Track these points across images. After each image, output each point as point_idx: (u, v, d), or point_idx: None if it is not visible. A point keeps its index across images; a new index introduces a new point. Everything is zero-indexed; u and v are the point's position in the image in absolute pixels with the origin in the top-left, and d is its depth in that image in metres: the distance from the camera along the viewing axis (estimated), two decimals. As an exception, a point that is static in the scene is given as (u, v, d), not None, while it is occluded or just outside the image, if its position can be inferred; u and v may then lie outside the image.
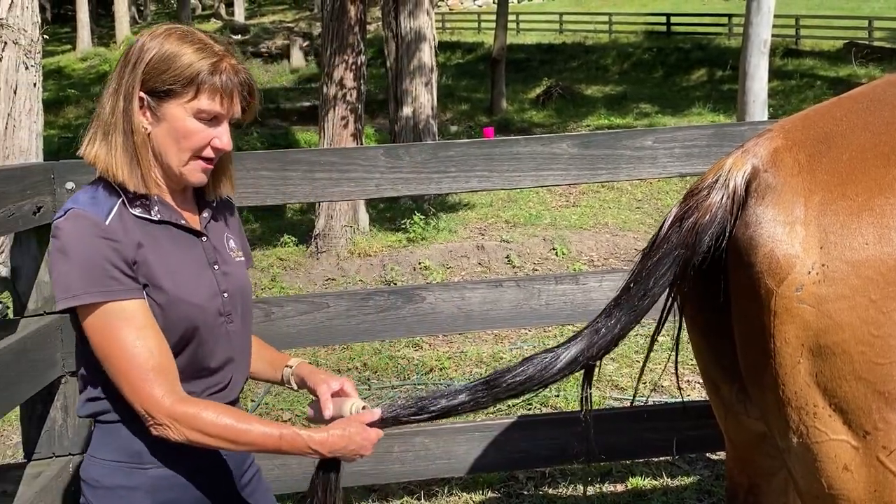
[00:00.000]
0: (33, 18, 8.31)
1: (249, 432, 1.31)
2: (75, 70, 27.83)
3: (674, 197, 10.33)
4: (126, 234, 1.33)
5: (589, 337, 1.44)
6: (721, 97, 18.86)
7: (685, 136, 2.36)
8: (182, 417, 1.29)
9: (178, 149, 1.37)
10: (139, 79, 1.34)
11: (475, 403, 1.45)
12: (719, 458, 3.29)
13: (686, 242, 1.40)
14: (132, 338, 1.30)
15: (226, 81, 1.35)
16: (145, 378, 1.29)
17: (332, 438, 1.35)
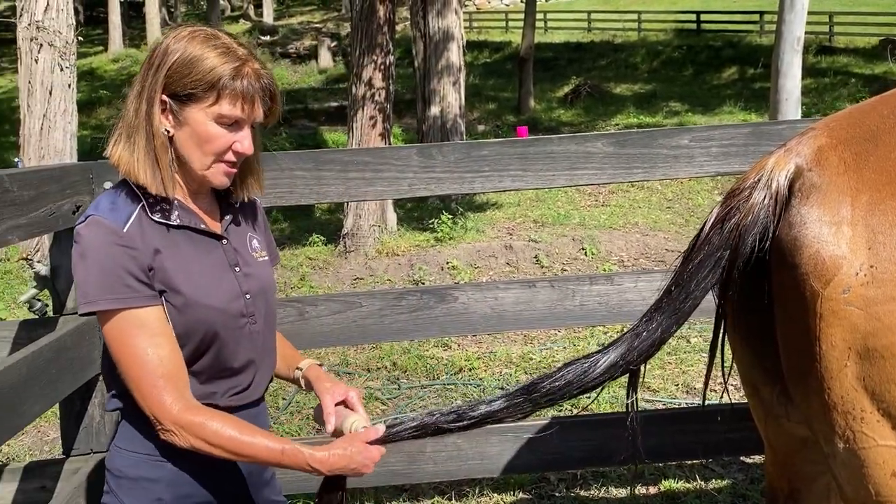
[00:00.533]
0: (68, 21, 8.50)
1: (252, 445, 1.33)
2: (107, 71, 28.25)
3: (705, 196, 10.22)
4: (143, 241, 1.35)
5: (629, 341, 1.42)
6: (752, 95, 18.61)
7: (722, 135, 2.33)
8: (188, 425, 1.32)
9: (200, 152, 1.37)
10: (161, 82, 1.35)
11: (514, 409, 1.44)
12: (754, 461, 3.24)
13: (728, 244, 1.37)
14: (144, 345, 1.32)
15: (247, 87, 1.35)
16: (155, 384, 1.32)
17: (332, 458, 1.36)
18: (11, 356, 1.87)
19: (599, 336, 5.20)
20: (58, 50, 8.08)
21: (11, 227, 1.77)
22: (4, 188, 1.75)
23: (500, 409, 1.44)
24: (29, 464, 2.30)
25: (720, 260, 1.38)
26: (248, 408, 1.52)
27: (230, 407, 1.47)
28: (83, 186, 2.15)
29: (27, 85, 8.14)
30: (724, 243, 1.37)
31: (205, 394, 1.43)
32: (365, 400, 4.37)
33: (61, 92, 8.21)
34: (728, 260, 1.37)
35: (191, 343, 1.39)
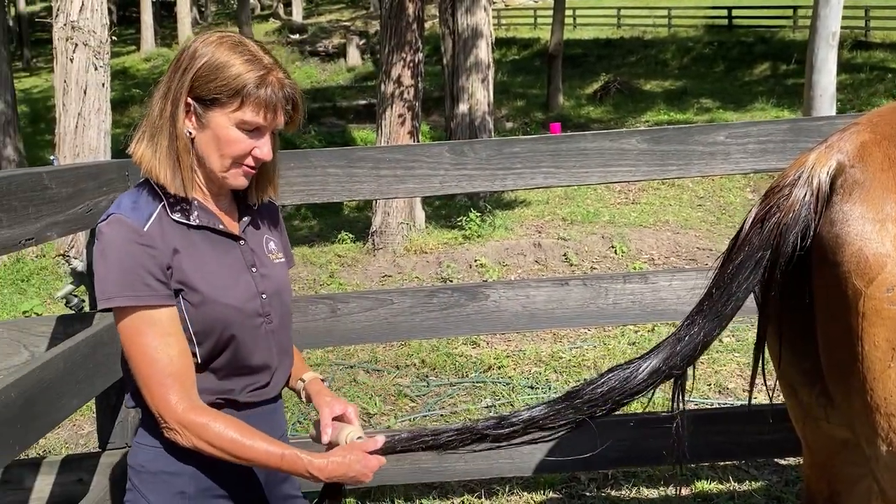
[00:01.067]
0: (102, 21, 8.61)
1: (253, 448, 1.35)
2: (139, 70, 28.64)
3: (737, 194, 10.09)
4: (163, 240, 1.37)
5: (671, 346, 1.40)
6: (785, 92, 18.33)
7: (759, 132, 2.29)
8: (191, 425, 1.34)
9: (220, 155, 1.40)
10: (187, 85, 1.37)
11: (556, 416, 1.42)
12: (789, 463, 3.19)
13: (769, 243, 1.34)
14: (155, 343, 1.35)
15: (270, 95, 1.37)
16: (162, 383, 1.34)
17: (330, 465, 1.37)
18: (49, 351, 1.90)
19: (630, 335, 5.15)
20: (92, 49, 8.20)
21: (50, 224, 1.80)
22: (43, 185, 1.78)
23: (543, 415, 1.42)
24: (66, 457, 2.34)
25: (761, 260, 1.35)
26: (266, 404, 1.54)
27: (249, 403, 1.49)
28: (119, 183, 2.18)
29: (62, 84, 8.27)
30: (765, 243, 1.34)
31: (223, 390, 1.46)
32: (394, 397, 4.38)
33: (95, 91, 8.33)
34: (769, 260, 1.35)
35: (208, 341, 1.42)
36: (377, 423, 4.06)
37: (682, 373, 1.42)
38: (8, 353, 2.22)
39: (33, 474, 2.30)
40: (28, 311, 6.92)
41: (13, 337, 2.24)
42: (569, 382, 4.43)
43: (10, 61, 13.81)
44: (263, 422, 1.52)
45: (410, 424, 4.00)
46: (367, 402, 4.29)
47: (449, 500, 3.11)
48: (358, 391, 4.49)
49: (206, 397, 1.44)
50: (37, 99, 25.58)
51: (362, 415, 4.17)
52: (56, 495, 2.28)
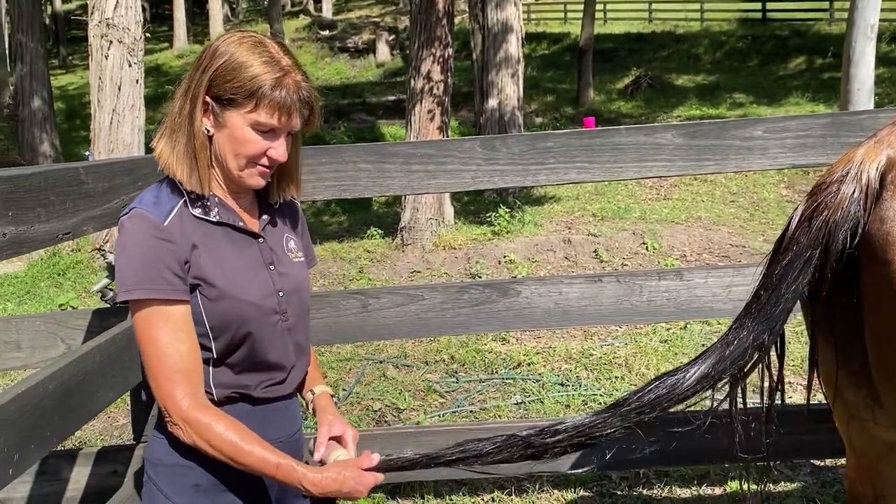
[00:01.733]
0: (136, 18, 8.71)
1: (250, 454, 1.35)
2: (172, 67, 28.97)
3: (770, 190, 9.93)
4: (182, 236, 1.39)
5: (720, 351, 1.36)
6: (821, 86, 17.99)
7: (798, 126, 2.24)
8: (194, 422, 1.35)
9: (235, 155, 1.41)
10: (206, 84, 1.39)
11: (604, 425, 1.38)
12: (825, 464, 3.13)
13: (818, 242, 1.30)
14: (167, 339, 1.36)
15: (285, 98, 1.37)
16: (170, 378, 1.36)
17: (324, 481, 1.37)
18: (86, 344, 1.92)
19: (662, 332, 5.09)
20: (126, 46, 8.30)
21: (86, 219, 1.82)
22: (80, 180, 1.80)
23: (590, 423, 1.38)
24: (102, 449, 2.37)
25: (810, 259, 1.31)
26: (282, 400, 1.55)
27: (264, 398, 1.50)
28: (153, 179, 2.19)
29: (97, 81, 8.39)
30: (814, 242, 1.30)
31: (239, 384, 1.47)
32: (423, 392, 4.38)
33: (129, 87, 8.44)
34: (819, 259, 1.30)
35: (224, 336, 1.43)
36: (406, 419, 4.06)
37: (732, 377, 1.38)
38: (45, 345, 2.26)
39: (70, 465, 2.33)
40: (64, 305, 7.04)
41: (50, 330, 2.28)
42: (599, 380, 4.39)
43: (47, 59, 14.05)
44: (278, 417, 1.54)
45: (440, 420, 3.99)
46: (396, 397, 4.29)
47: (479, 497, 3.10)
48: (388, 386, 4.49)
49: (222, 391, 1.45)
50: (72, 95, 26.01)
51: (392, 410, 4.18)
52: (91, 486, 2.31)
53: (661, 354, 4.70)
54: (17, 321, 2.29)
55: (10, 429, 1.45)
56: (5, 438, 1.43)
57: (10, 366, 2.30)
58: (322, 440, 1.52)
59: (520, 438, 1.39)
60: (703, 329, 5.08)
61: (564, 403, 4.06)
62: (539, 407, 4.04)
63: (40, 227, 1.60)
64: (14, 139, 15.33)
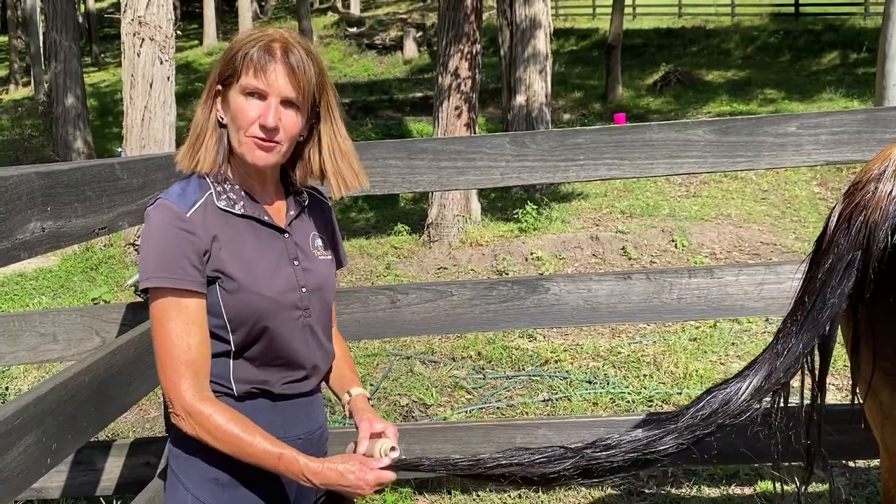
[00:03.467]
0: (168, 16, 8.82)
1: (252, 444, 1.36)
2: (202, 64, 29.25)
3: (802, 187, 9.78)
4: (204, 227, 1.41)
5: (770, 361, 1.33)
6: (855, 82, 17.66)
7: (833, 122, 2.21)
8: (196, 414, 1.37)
9: (235, 129, 1.43)
10: (216, 73, 1.45)
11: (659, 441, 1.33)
12: (858, 465, 3.09)
13: (859, 244, 1.27)
14: (178, 330, 1.38)
15: (262, 56, 1.40)
16: (177, 369, 1.38)
17: (325, 471, 1.37)
18: (120, 337, 1.96)
19: (691, 331, 5.05)
20: (158, 44, 8.40)
21: (122, 214, 1.85)
22: (116, 176, 1.83)
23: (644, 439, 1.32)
24: (135, 440, 2.41)
25: (853, 262, 1.28)
26: (302, 397, 1.55)
27: (284, 395, 1.50)
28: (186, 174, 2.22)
29: (129, 78, 8.50)
30: (854, 243, 1.27)
31: (259, 379, 1.47)
32: (450, 388, 4.39)
33: (161, 84, 8.54)
34: (861, 261, 1.28)
35: (242, 329, 1.44)
36: (433, 414, 4.07)
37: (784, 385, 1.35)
38: (81, 338, 2.30)
39: (104, 456, 2.38)
40: (97, 299, 7.15)
41: (86, 323, 2.32)
42: (627, 378, 4.36)
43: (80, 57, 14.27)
44: (300, 413, 1.54)
45: (467, 416, 4.00)
46: (423, 392, 4.31)
47: (506, 493, 3.10)
48: (415, 382, 4.51)
49: (242, 386, 1.46)
50: (105, 93, 26.39)
51: (419, 405, 4.19)
52: (125, 477, 2.36)
53: (691, 353, 4.66)
54: (53, 314, 2.34)
55: (48, 419, 1.48)
56: (45, 428, 1.47)
57: (47, 357, 2.35)
58: (364, 435, 1.51)
59: (571, 450, 1.33)
60: (734, 328, 5.03)
61: (592, 401, 4.04)
62: (566, 405, 4.03)
63: (77, 221, 1.63)
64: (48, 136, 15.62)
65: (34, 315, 2.33)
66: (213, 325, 1.44)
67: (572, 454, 1.33)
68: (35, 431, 1.43)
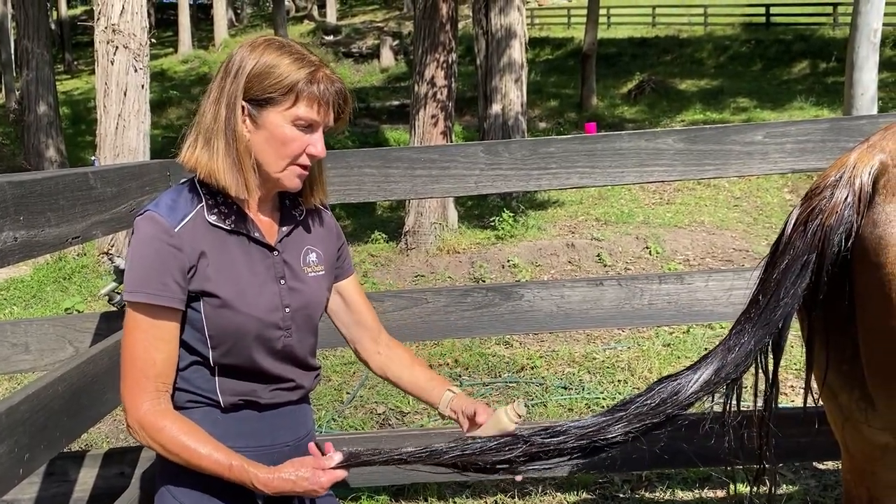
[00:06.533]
0: (142, 23, 8.77)
1: (202, 456, 1.36)
2: (177, 72, 29.09)
3: (774, 194, 9.94)
4: (192, 243, 1.39)
5: (721, 356, 1.37)
6: (825, 91, 18.01)
7: (798, 131, 2.26)
8: (148, 426, 1.37)
9: (276, 156, 1.40)
10: (242, 88, 1.38)
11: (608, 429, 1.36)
12: (827, 467, 3.14)
13: (814, 247, 1.32)
14: (145, 344, 1.38)
15: (323, 91, 1.40)
16: (137, 381, 1.38)
17: (276, 481, 1.37)
18: (94, 347, 1.95)
19: (664, 336, 5.11)
20: (132, 52, 8.35)
21: (95, 223, 1.85)
22: (89, 185, 1.83)
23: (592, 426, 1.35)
24: (109, 450, 2.40)
25: (807, 264, 1.32)
26: (290, 405, 1.55)
27: (272, 404, 1.50)
28: (161, 183, 2.23)
29: (103, 86, 8.44)
30: (809, 246, 1.32)
31: (244, 392, 1.47)
32: (427, 396, 4.39)
33: (135, 92, 8.49)
34: (815, 264, 1.32)
35: (222, 346, 1.43)
36: (410, 422, 4.08)
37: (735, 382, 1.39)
38: (54, 348, 2.29)
39: (77, 467, 2.36)
40: (70, 309, 7.07)
41: (59, 333, 2.31)
42: (602, 383, 4.40)
43: (53, 64, 14.12)
44: (288, 420, 1.53)
45: (444, 424, 4.01)
46: (400, 400, 4.32)
47: (482, 500, 3.11)
48: (392, 389, 4.51)
49: (228, 398, 1.46)
50: (78, 101, 26.13)
51: (396, 413, 4.20)
52: (99, 487, 2.34)
53: (664, 358, 4.71)
54: (25, 324, 2.32)
55: (20, 429, 1.48)
56: (16, 439, 1.46)
57: (19, 368, 2.33)
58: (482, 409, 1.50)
59: (521, 438, 1.37)
60: (706, 333, 5.10)
61: (567, 407, 4.08)
62: (542, 410, 4.06)
63: (50, 231, 1.63)
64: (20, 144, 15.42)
65: (5, 325, 2.31)
66: (194, 339, 1.43)
67: (523, 442, 1.36)
68: (7, 442, 1.43)
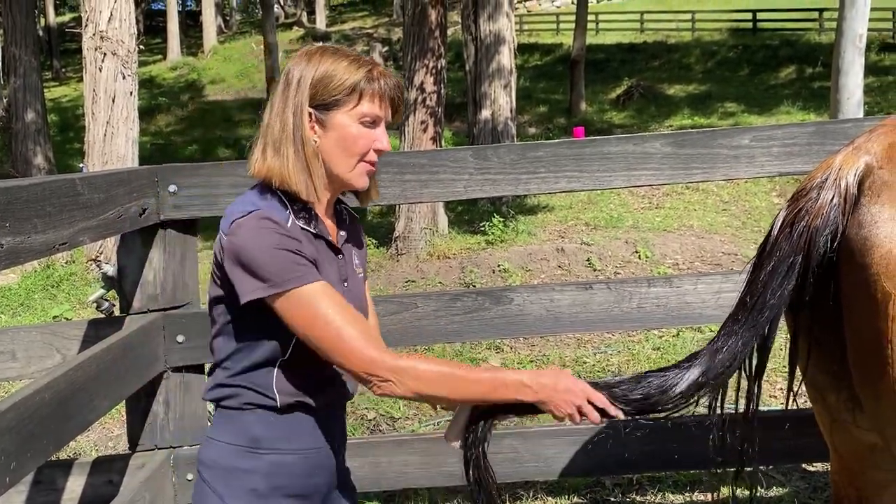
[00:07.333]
0: (130, 30, 8.74)
1: (468, 381, 1.38)
2: (166, 79, 29.01)
3: (762, 198, 9.99)
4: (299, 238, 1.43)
5: (709, 357, 1.38)
6: (812, 95, 18.14)
7: (784, 134, 2.27)
8: (402, 371, 1.36)
9: (346, 154, 1.47)
10: (307, 95, 1.45)
11: None
12: (816, 469, 3.16)
13: (800, 248, 1.32)
14: (332, 313, 1.38)
15: (383, 86, 1.47)
16: (356, 344, 1.37)
17: (540, 377, 1.38)
18: (81, 354, 1.94)
19: (654, 340, 5.12)
20: (120, 59, 8.33)
21: (82, 230, 1.84)
22: (76, 191, 1.82)
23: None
24: (97, 458, 2.38)
25: (793, 266, 1.33)
26: (337, 409, 1.59)
27: (325, 405, 1.53)
28: (149, 189, 2.22)
29: (91, 93, 8.41)
30: (796, 248, 1.33)
31: (302, 391, 1.49)
32: (417, 403, 4.39)
33: (123, 99, 8.45)
34: (801, 265, 1.33)
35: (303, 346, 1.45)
36: (401, 427, 4.07)
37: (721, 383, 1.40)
38: (41, 355, 2.27)
39: (65, 475, 2.34)
40: (58, 317, 7.03)
41: (46, 340, 2.29)
42: (593, 388, 4.41)
43: (41, 71, 14.05)
44: (335, 424, 1.57)
45: (435, 428, 4.00)
46: (391, 406, 4.31)
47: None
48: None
49: (285, 398, 1.48)
50: (66, 108, 26.01)
51: (386, 419, 4.19)
52: (87, 496, 2.32)
53: (655, 362, 4.72)
54: (12, 332, 2.31)
55: (7, 437, 1.47)
56: (3, 447, 1.45)
57: (6, 376, 2.31)
58: None
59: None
60: (696, 336, 5.12)
61: (558, 411, 4.08)
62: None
63: (37, 237, 1.62)
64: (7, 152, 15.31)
65: (-8, 333, 2.29)
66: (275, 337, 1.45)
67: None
68: (-7, 450, 1.41)
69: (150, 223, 2.23)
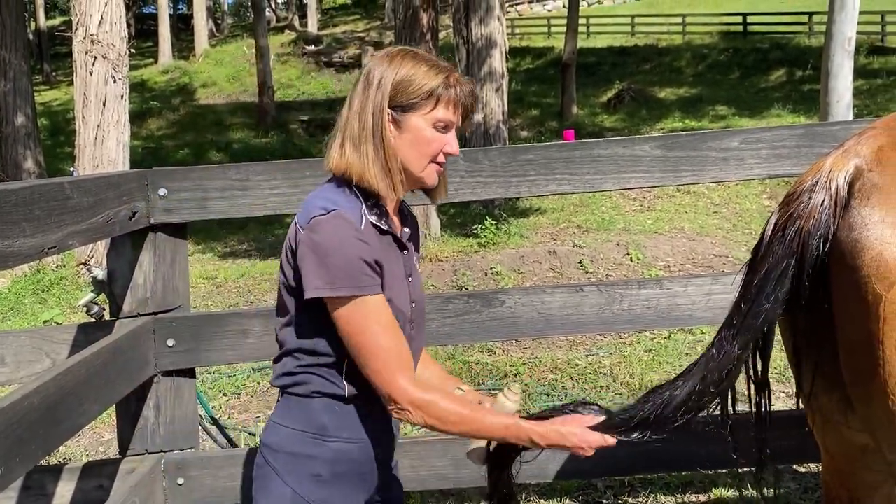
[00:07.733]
0: (121, 34, 8.70)
1: (481, 421, 1.46)
2: (157, 83, 28.93)
3: (753, 201, 10.03)
4: (371, 240, 1.47)
5: (704, 365, 1.38)
6: (802, 98, 18.24)
7: (773, 137, 2.28)
8: (423, 405, 1.43)
9: (419, 155, 1.51)
10: (388, 95, 1.50)
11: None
12: (808, 470, 3.17)
13: (793, 251, 1.33)
14: (380, 331, 1.44)
15: (459, 93, 1.52)
16: (391, 369, 1.43)
17: (552, 433, 1.47)
18: (71, 358, 1.92)
19: (646, 342, 5.13)
20: (111, 62, 8.30)
21: (72, 233, 1.83)
22: (65, 195, 1.81)
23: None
24: (87, 463, 2.36)
25: (787, 269, 1.33)
26: None
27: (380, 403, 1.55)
28: (139, 193, 2.21)
29: (82, 96, 8.37)
30: (789, 251, 1.33)
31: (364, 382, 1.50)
32: (410, 405, 4.38)
33: (114, 103, 8.42)
34: (795, 269, 1.33)
35: None
36: (393, 431, 4.07)
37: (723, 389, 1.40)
38: (30, 360, 2.26)
39: (55, 480, 2.33)
40: (48, 321, 6.99)
41: (35, 345, 2.28)
42: (585, 389, 4.41)
43: (31, 75, 13.99)
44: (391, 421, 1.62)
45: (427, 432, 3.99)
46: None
47: (465, 510, 3.10)
48: (374, 399, 4.50)
49: (352, 389, 1.52)
50: (56, 112, 25.90)
51: (378, 423, 4.18)
52: (77, 501, 2.30)
53: (646, 364, 4.73)
54: (1, 336, 2.29)
55: (-5, 442, 1.45)
56: (-9, 451, 1.44)
57: (-5, 381, 2.29)
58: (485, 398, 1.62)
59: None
60: (687, 338, 5.13)
61: (550, 414, 4.08)
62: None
63: (25, 241, 1.61)
64: (-3, 156, 15.23)
65: (-19, 338, 2.28)
66: None
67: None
68: (-18, 455, 1.40)
69: (141, 227, 2.22)
